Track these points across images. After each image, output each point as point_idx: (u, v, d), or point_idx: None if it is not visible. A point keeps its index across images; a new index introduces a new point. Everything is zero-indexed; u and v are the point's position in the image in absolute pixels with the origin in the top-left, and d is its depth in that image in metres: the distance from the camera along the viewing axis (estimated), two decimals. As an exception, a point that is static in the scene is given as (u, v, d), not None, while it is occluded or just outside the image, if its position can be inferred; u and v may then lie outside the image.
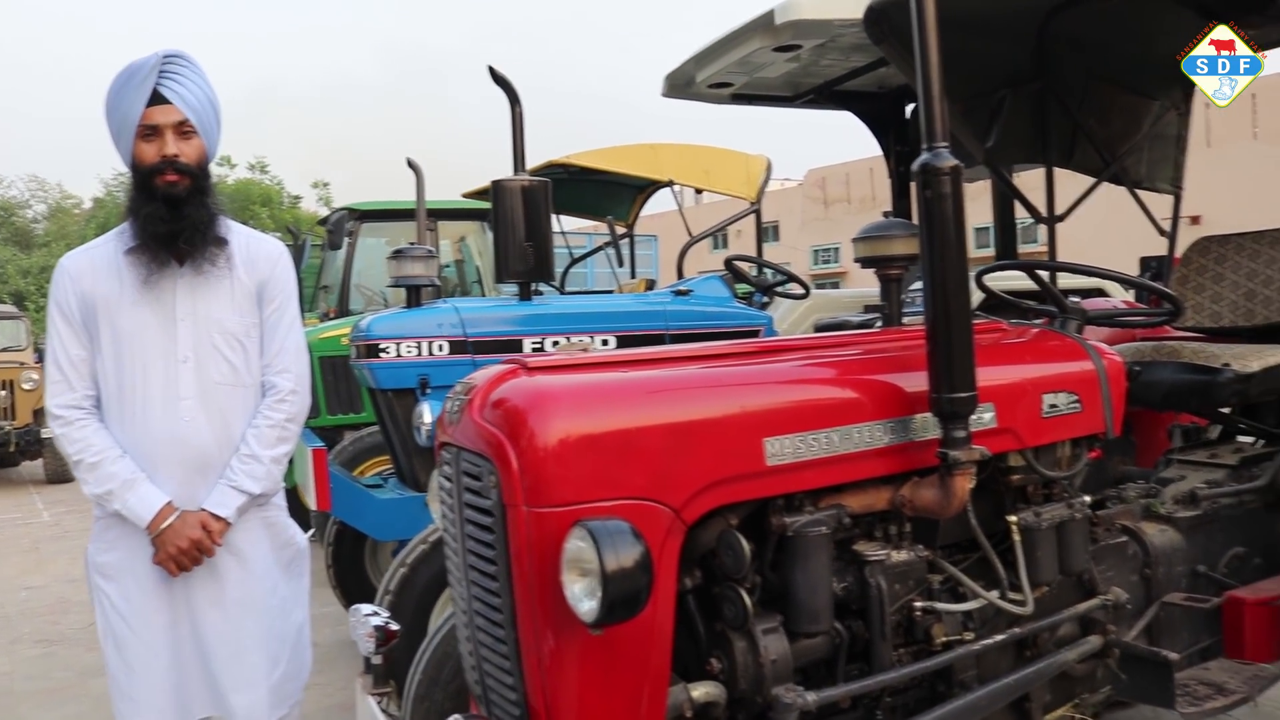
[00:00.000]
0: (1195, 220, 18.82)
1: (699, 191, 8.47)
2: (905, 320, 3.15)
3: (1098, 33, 3.80)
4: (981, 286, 3.24)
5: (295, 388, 2.89)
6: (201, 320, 2.77)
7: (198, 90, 2.73)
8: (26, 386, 14.05)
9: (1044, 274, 3.14)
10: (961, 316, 2.20)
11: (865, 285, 5.55)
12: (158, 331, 2.74)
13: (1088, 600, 2.70)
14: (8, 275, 31.37)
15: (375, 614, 2.64)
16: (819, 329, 6.02)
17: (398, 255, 4.79)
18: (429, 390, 4.51)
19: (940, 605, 2.37)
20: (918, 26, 2.27)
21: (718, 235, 7.27)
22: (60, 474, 14.00)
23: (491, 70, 4.73)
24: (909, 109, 6.53)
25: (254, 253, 2.88)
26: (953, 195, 2.21)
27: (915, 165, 2.25)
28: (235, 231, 2.88)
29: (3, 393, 13.94)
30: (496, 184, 4.67)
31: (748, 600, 2.14)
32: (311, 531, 4.15)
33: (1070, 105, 3.91)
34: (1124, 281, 3.40)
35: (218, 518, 2.74)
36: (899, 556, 2.37)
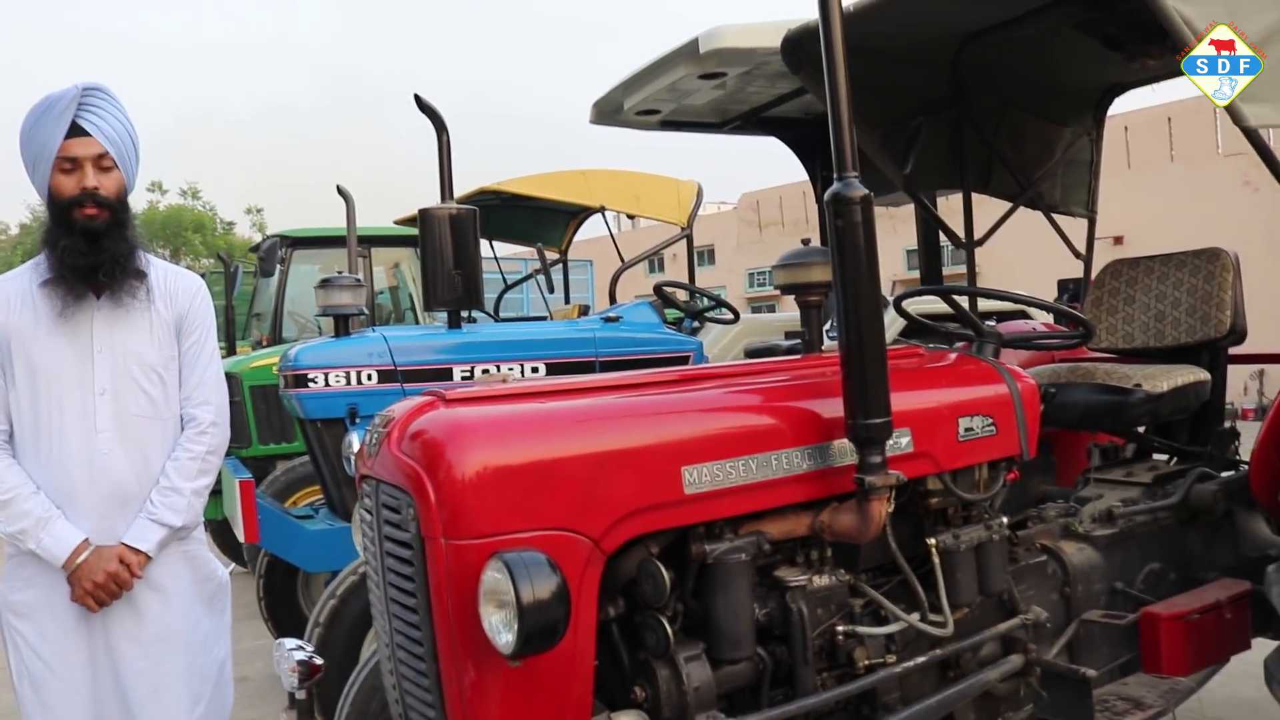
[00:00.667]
0: (1118, 240, 19.20)
1: (632, 217, 8.52)
2: (824, 346, 3.20)
3: (1010, 61, 3.89)
4: (901, 312, 3.30)
5: (215, 419, 2.86)
6: (119, 353, 2.74)
7: (116, 123, 2.71)
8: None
9: (960, 299, 3.20)
10: (875, 343, 2.24)
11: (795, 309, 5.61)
12: (74, 364, 2.71)
13: (1009, 620, 2.74)
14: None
15: (300, 648, 2.62)
16: (749, 353, 6.06)
17: (325, 284, 4.76)
18: (358, 420, 4.48)
19: (862, 629, 2.40)
20: (826, 56, 2.32)
21: (654, 259, 7.33)
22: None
23: (418, 98, 4.73)
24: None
25: (173, 286, 2.86)
26: (863, 224, 2.25)
27: (826, 195, 2.29)
28: (154, 265, 2.86)
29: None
30: (423, 212, 4.66)
31: (669, 628, 2.16)
32: (233, 566, 4.10)
33: (986, 131, 4.00)
34: (1034, 305, 3.48)
35: (137, 551, 2.69)
36: (820, 581, 2.39)
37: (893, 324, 4.95)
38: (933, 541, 2.57)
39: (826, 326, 5.16)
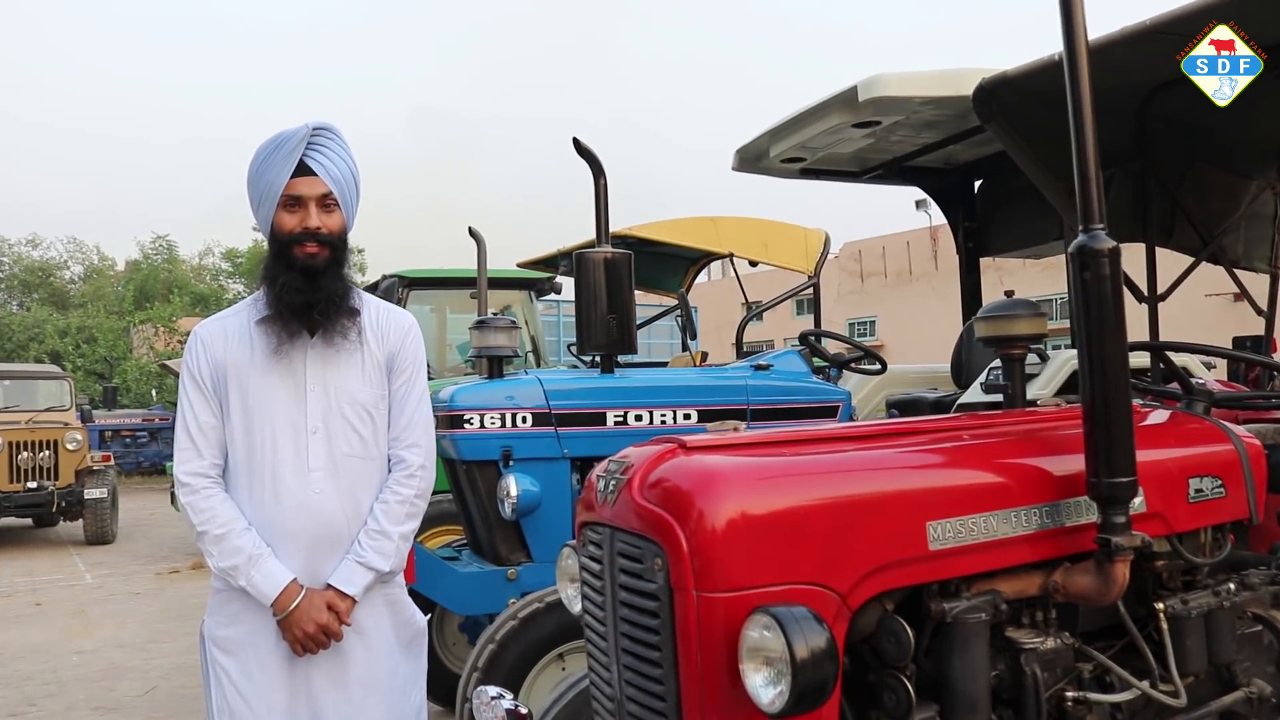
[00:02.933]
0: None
1: (753, 264, 8.48)
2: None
3: (1195, 113, 3.79)
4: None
5: (424, 463, 2.86)
6: (332, 391, 2.76)
7: (341, 164, 2.75)
8: (70, 447, 14.14)
9: (1169, 355, 3.10)
10: (1121, 399, 2.17)
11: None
12: (287, 402, 2.73)
13: (1231, 693, 2.62)
14: (45, 335, 31.65)
15: (501, 696, 2.59)
16: (891, 405, 5.98)
17: (481, 325, 4.79)
18: (512, 462, 4.48)
19: (1092, 695, 2.30)
20: (1073, 102, 2.26)
21: (751, 306, 7.27)
22: (100, 535, 14.03)
23: (576, 142, 4.76)
24: (977, 185, 6.59)
25: (385, 324, 2.87)
26: (1111, 277, 2.19)
27: (1072, 247, 2.23)
28: (367, 302, 2.88)
29: (46, 453, 14.00)
30: (579, 255, 4.68)
31: (911, 690, 2.09)
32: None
33: (1170, 184, 3.90)
34: (1260, 362, 3.35)
35: (344, 595, 2.70)
36: (1051, 644, 2.31)
37: (1050, 381, 4.83)
38: (1162, 607, 2.47)
39: (980, 378, 5.08)
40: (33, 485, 13.79)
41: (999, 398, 4.74)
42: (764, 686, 1.81)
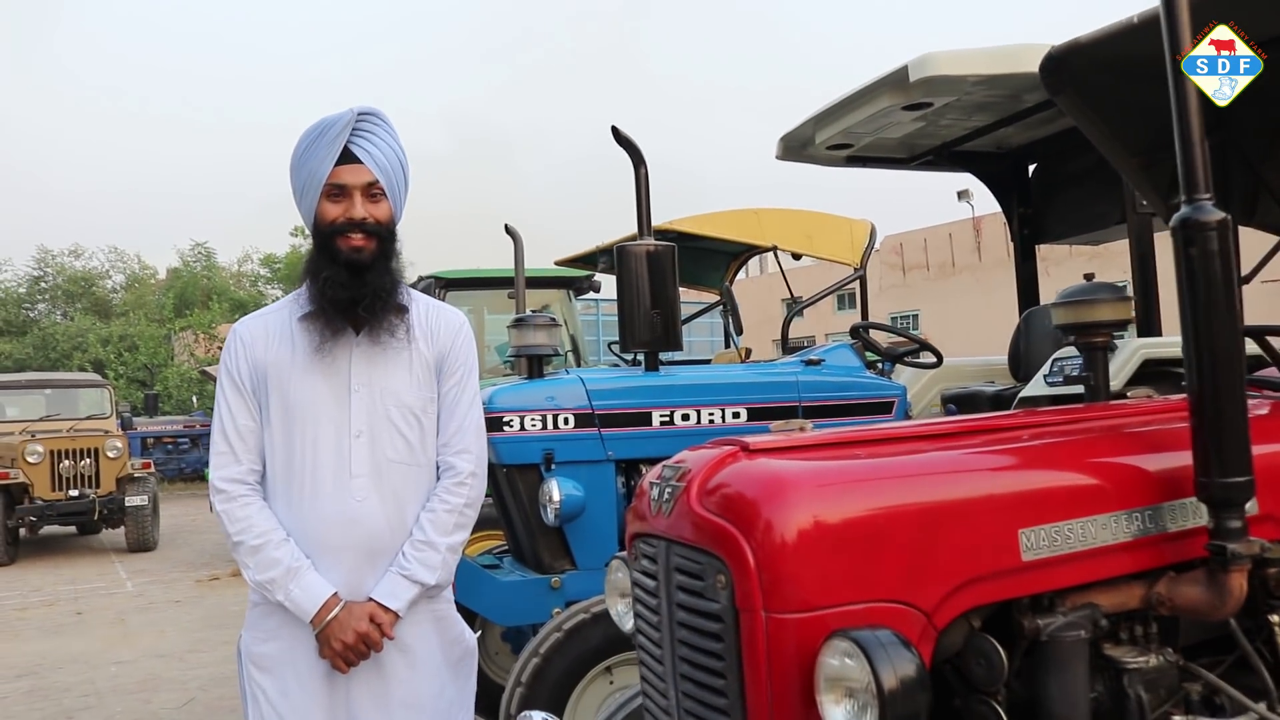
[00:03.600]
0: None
1: (798, 257, 8.25)
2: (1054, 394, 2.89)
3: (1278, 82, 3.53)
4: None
5: (475, 470, 2.67)
6: (377, 393, 2.57)
7: (389, 150, 2.57)
8: (111, 455, 14.13)
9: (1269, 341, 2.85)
10: (1234, 390, 1.94)
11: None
12: (330, 403, 2.55)
13: None
14: (88, 344, 31.86)
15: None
16: (946, 400, 5.72)
17: (519, 324, 4.60)
18: (554, 465, 4.29)
19: (1203, 720, 2.08)
20: (1172, 61, 2.03)
21: (795, 301, 7.04)
22: (142, 542, 14.02)
23: (615, 131, 4.56)
24: (1031, 169, 6.33)
25: (435, 323, 2.69)
26: (1220, 253, 1.96)
27: (1174, 220, 2.00)
28: (415, 299, 2.69)
29: (87, 460, 14.00)
30: (621, 249, 4.47)
31: (1003, 715, 1.87)
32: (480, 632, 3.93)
33: (1252, 158, 3.63)
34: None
35: (387, 609, 2.51)
36: (1154, 662, 2.08)
37: (1119, 372, 4.57)
38: (1276, 619, 2.23)
39: (1044, 370, 4.83)
40: (74, 493, 13.80)
41: (1065, 390, 4.50)
42: (845, 721, 1.60)
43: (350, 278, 2.50)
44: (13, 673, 7.55)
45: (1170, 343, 4.44)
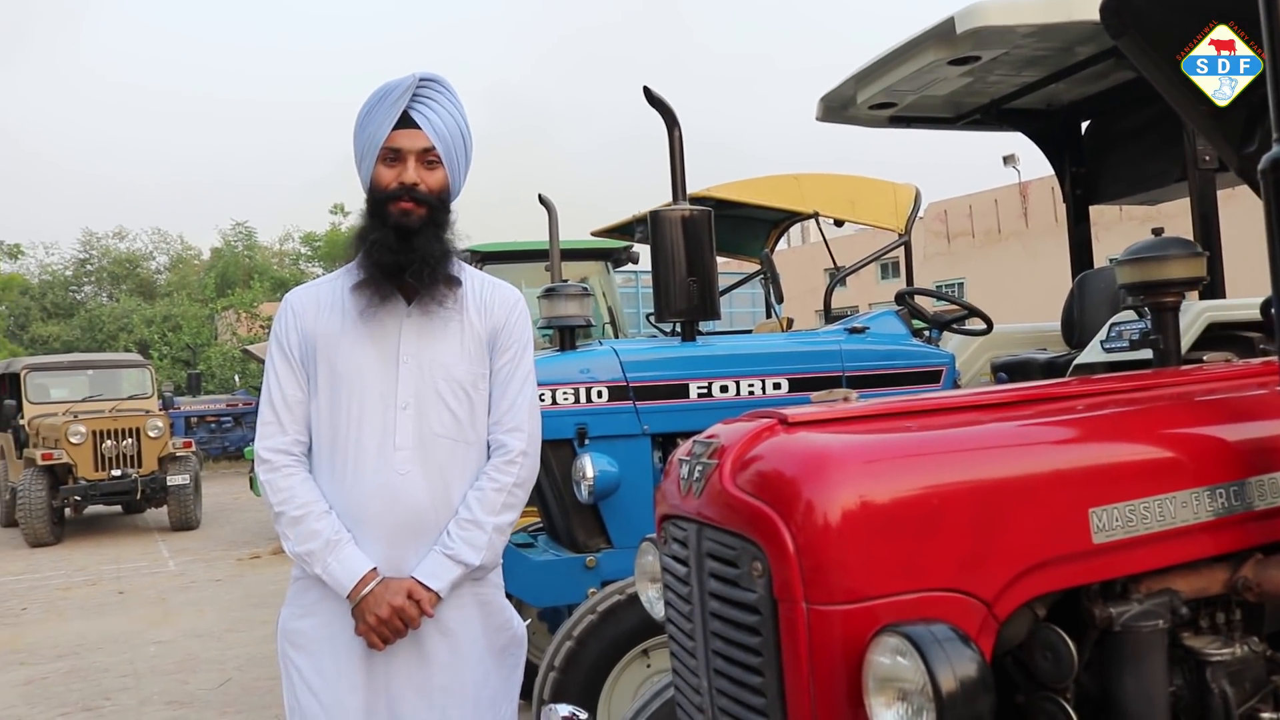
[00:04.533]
0: None
1: (839, 223, 8.01)
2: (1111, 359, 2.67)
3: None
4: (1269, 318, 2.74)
5: (527, 449, 2.55)
6: (426, 364, 2.47)
7: (449, 118, 2.47)
8: (152, 434, 14.18)
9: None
10: (1331, 351, 1.73)
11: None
12: (378, 373, 2.46)
13: None
14: (133, 325, 32.13)
15: (574, 715, 2.24)
16: (996, 369, 5.49)
17: (550, 294, 4.44)
18: (587, 441, 4.13)
19: (1294, 716, 1.87)
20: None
21: (838, 269, 6.80)
22: (184, 521, 14.08)
23: (647, 91, 4.36)
24: (1084, 127, 6.06)
25: (489, 297, 2.58)
26: (1319, 198, 1.75)
27: (1265, 161, 1.79)
28: (469, 273, 2.59)
29: (129, 440, 14.06)
30: (654, 214, 4.29)
31: (1073, 715, 1.68)
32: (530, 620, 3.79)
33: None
34: None
35: (428, 588, 2.39)
36: (1239, 653, 1.88)
37: (1184, 335, 4.33)
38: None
39: (1100, 336, 4.59)
40: (117, 473, 13.87)
41: (1124, 356, 4.27)
42: (898, 727, 1.42)
43: (398, 242, 2.42)
44: (54, 652, 7.54)
45: (1238, 304, 4.18)
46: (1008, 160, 32.32)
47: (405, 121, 2.44)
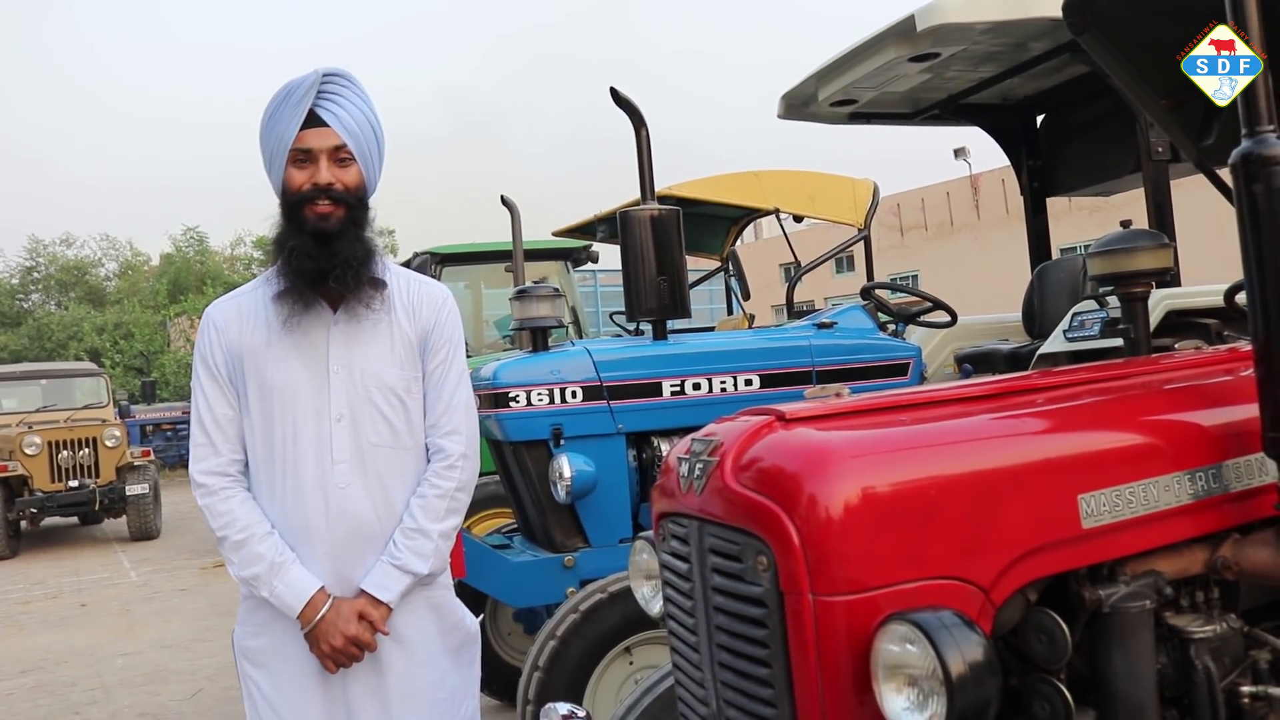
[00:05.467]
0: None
1: (798, 219, 8.09)
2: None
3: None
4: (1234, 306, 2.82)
5: (465, 451, 2.53)
6: (357, 374, 2.44)
7: (358, 113, 2.42)
8: (109, 444, 14.01)
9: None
10: (1302, 338, 1.80)
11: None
12: (309, 386, 2.42)
13: None
14: (83, 333, 31.66)
15: (573, 714, 2.27)
16: (960, 360, 5.59)
17: (522, 295, 4.45)
18: (563, 441, 4.15)
19: (1276, 690, 1.94)
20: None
21: (799, 264, 6.85)
22: (144, 531, 13.93)
23: (614, 91, 4.39)
24: (1039, 120, 6.16)
25: (416, 297, 2.54)
26: (1288, 190, 1.81)
27: (1234, 155, 1.85)
28: (394, 272, 2.55)
29: (86, 450, 13.89)
30: (624, 214, 4.32)
31: (1068, 695, 1.74)
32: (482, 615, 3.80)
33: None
34: None
35: (378, 603, 2.39)
36: (1219, 629, 1.95)
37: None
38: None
39: (1063, 325, 4.68)
40: (74, 484, 13.67)
41: (1087, 345, 4.36)
42: (909, 711, 1.47)
43: (317, 247, 2.36)
44: (17, 668, 7.45)
45: (1195, 293, 4.30)
46: (959, 153, 32.65)
47: (312, 120, 2.37)
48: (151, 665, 7.20)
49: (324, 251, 2.37)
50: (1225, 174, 3.41)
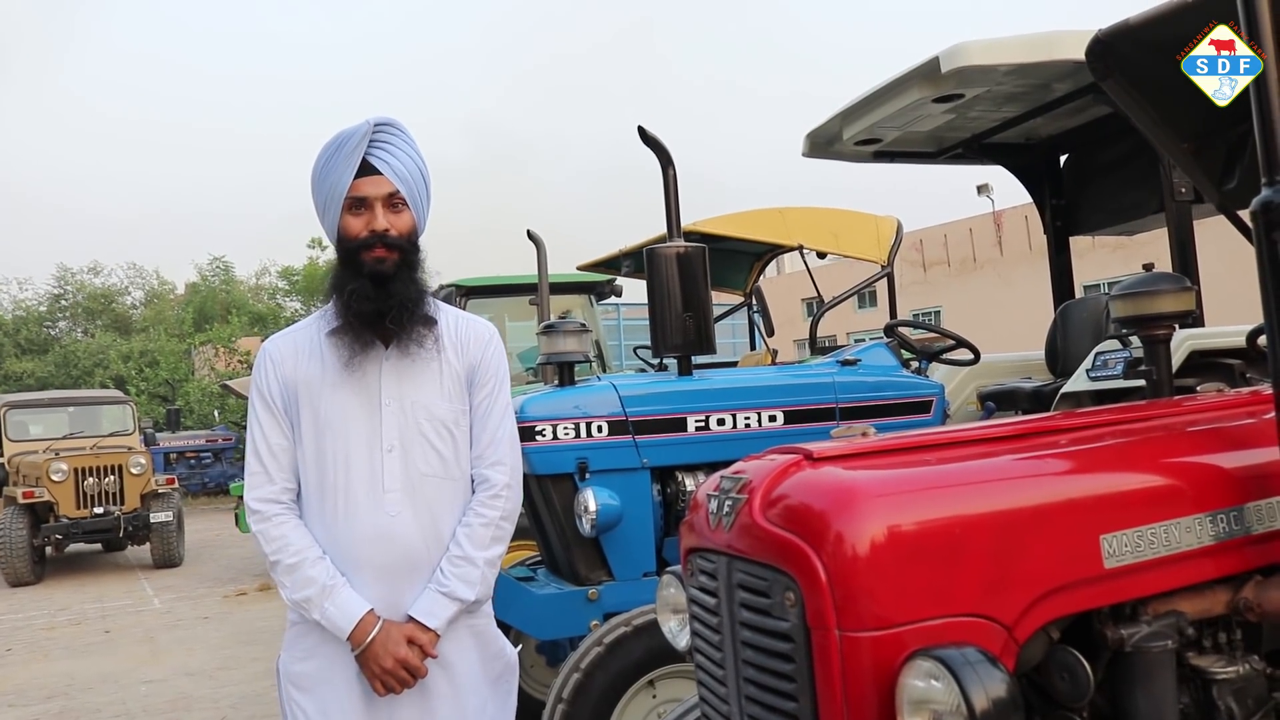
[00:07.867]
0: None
1: (822, 255, 8.14)
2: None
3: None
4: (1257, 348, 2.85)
5: (510, 482, 2.61)
6: (408, 406, 2.53)
7: (408, 160, 2.52)
8: (135, 471, 14.11)
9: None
10: (1324, 383, 1.83)
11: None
12: (361, 418, 2.51)
13: None
14: (110, 361, 31.93)
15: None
16: (983, 398, 5.60)
17: (549, 330, 4.51)
18: (588, 475, 4.20)
19: (1298, 733, 1.96)
20: (1248, 29, 1.92)
21: (814, 303, 6.90)
22: (168, 558, 14.01)
23: (641, 131, 4.47)
24: (1063, 160, 6.20)
25: (464, 334, 2.64)
26: (1306, 237, 1.85)
27: (1255, 203, 1.89)
28: (444, 311, 2.65)
29: (111, 478, 13.99)
30: (650, 251, 4.39)
31: (1090, 734, 1.77)
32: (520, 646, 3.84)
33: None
34: None
35: (426, 629, 2.45)
36: (1241, 671, 1.97)
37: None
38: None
39: (1086, 365, 4.70)
40: (99, 511, 13.78)
41: (1110, 385, 4.38)
42: (933, 747, 1.50)
43: (375, 290, 2.46)
44: (43, 694, 7.50)
45: (1218, 333, 4.31)
46: (981, 190, 32.69)
47: (366, 169, 2.47)
48: (175, 693, 7.24)
49: (381, 293, 2.47)
50: (1247, 215, 3.45)
